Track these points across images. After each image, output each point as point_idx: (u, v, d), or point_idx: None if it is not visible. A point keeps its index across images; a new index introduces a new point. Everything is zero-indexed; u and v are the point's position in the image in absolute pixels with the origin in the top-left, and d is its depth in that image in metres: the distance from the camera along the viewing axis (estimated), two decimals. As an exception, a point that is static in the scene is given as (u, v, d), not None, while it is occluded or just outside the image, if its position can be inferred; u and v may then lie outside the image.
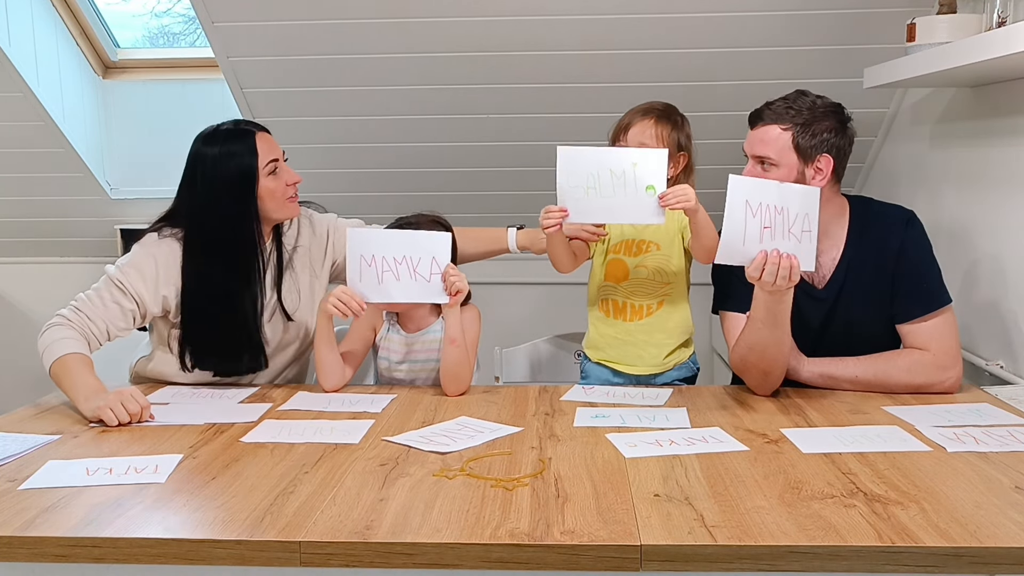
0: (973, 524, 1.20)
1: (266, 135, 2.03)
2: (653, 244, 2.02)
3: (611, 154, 1.85)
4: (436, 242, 1.91)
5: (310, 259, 2.15)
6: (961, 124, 2.49)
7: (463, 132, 3.16)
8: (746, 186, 1.72)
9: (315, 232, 2.18)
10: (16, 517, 1.28)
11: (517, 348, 2.40)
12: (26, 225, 3.64)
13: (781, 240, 1.71)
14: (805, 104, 1.85)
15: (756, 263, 1.71)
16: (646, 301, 2.01)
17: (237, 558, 1.20)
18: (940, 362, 1.84)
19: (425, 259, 1.89)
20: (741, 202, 1.70)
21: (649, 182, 1.81)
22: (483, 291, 3.04)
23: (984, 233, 2.32)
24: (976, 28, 2.09)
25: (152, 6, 3.56)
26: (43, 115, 3.17)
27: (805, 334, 1.90)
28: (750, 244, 1.71)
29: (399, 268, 1.89)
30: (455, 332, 1.92)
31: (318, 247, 2.18)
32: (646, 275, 2.00)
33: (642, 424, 1.68)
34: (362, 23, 2.75)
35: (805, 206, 1.72)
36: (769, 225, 1.70)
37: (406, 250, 1.89)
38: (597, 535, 1.19)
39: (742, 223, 1.70)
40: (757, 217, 1.70)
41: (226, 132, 2.01)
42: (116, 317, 1.95)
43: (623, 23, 2.71)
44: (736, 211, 1.70)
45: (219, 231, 1.97)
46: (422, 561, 1.18)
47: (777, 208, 1.71)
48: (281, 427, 1.70)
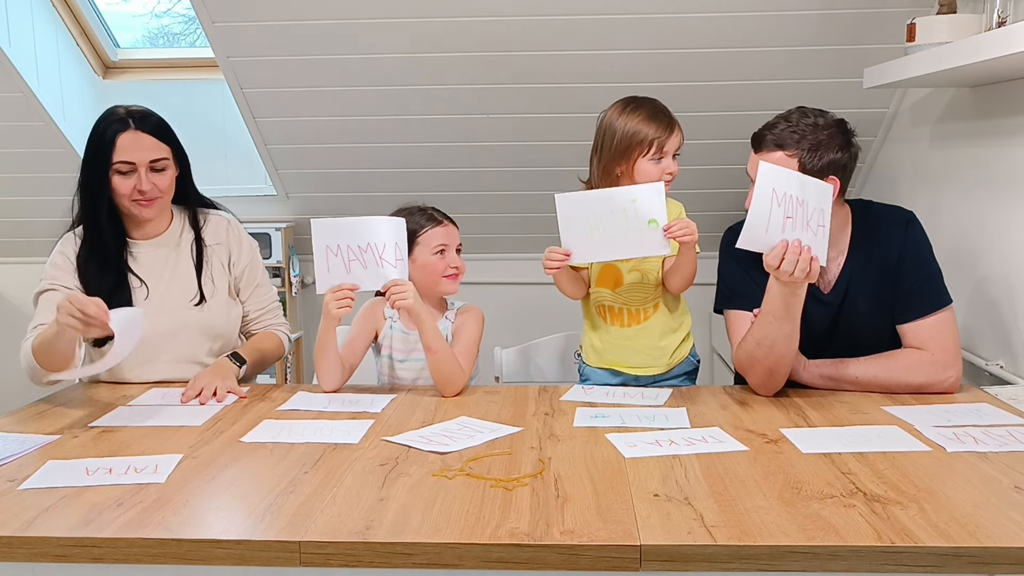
0: (972, 524, 1.20)
1: (142, 136, 1.97)
2: None
3: (610, 194, 1.86)
4: (397, 226, 1.90)
5: (218, 258, 2.16)
6: (961, 124, 2.49)
7: (463, 132, 3.17)
8: (774, 175, 1.71)
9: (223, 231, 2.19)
10: (16, 517, 1.28)
11: (517, 348, 2.40)
12: (26, 225, 3.64)
13: (802, 231, 1.71)
14: (808, 126, 1.84)
15: (776, 251, 1.70)
16: (641, 306, 2.00)
17: (237, 558, 1.20)
18: (940, 361, 1.84)
19: (389, 244, 1.88)
20: (769, 190, 1.70)
21: (650, 216, 1.82)
22: (483, 291, 3.05)
23: (984, 233, 2.32)
24: (976, 28, 2.10)
25: (152, 6, 3.56)
26: (43, 115, 3.17)
27: (811, 337, 1.90)
28: (773, 232, 1.71)
29: (365, 256, 1.88)
30: (430, 340, 1.91)
31: (221, 246, 2.18)
32: (639, 280, 1.99)
33: (642, 424, 1.68)
34: (362, 23, 2.76)
35: (821, 201, 1.72)
36: (791, 215, 1.70)
37: (369, 237, 1.88)
38: (597, 535, 1.19)
39: (767, 210, 1.70)
40: (782, 206, 1.70)
41: (105, 116, 2.00)
42: None
43: (623, 23, 2.71)
44: (764, 197, 1.70)
45: (81, 203, 2.03)
46: (422, 561, 1.18)
47: (798, 200, 1.70)
48: (281, 427, 1.70)
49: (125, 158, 1.96)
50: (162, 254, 2.09)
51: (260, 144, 3.27)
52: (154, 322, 2.01)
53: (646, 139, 1.94)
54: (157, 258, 2.09)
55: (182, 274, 2.10)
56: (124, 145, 1.96)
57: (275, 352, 2.22)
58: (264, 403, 1.89)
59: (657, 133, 1.95)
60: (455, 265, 2.02)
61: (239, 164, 3.52)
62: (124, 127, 1.97)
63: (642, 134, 1.94)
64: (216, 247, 2.14)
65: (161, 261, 2.09)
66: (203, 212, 2.18)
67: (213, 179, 3.25)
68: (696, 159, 3.20)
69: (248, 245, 2.20)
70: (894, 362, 1.86)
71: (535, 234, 3.52)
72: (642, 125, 1.95)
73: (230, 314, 2.14)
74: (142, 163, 1.97)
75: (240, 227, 2.21)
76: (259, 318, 2.21)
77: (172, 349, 2.06)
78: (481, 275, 3.39)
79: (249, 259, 2.18)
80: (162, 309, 2.05)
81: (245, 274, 2.17)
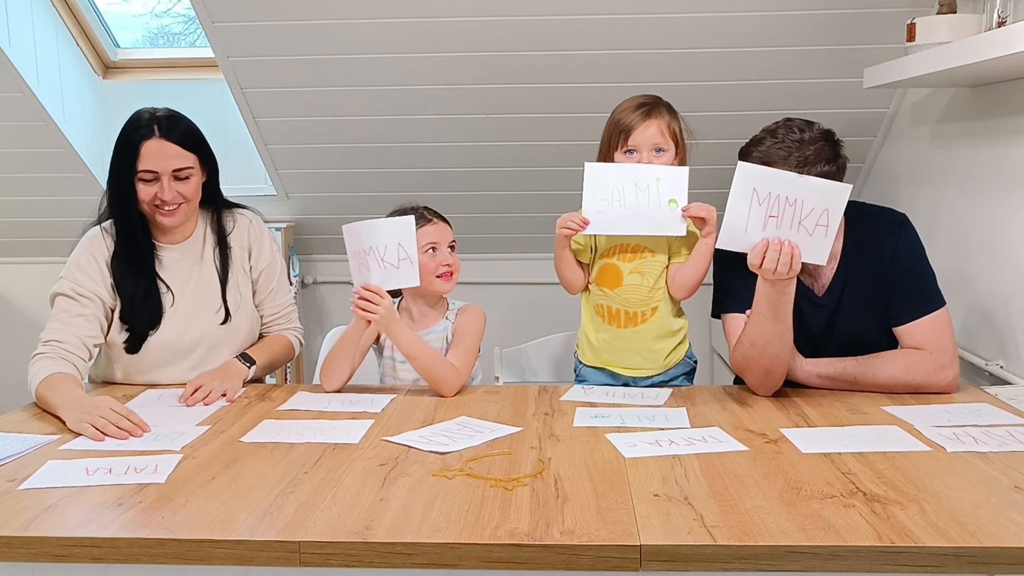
0: (972, 524, 1.20)
1: (166, 145, 1.93)
2: (648, 250, 1.97)
3: (636, 170, 1.88)
4: (400, 227, 1.89)
5: (241, 263, 2.14)
6: (961, 124, 2.49)
7: (462, 132, 3.17)
8: (756, 175, 1.72)
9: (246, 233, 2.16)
10: (16, 517, 1.28)
11: (517, 348, 2.40)
12: (26, 225, 3.64)
13: (787, 230, 1.72)
14: (795, 142, 1.82)
15: (757, 249, 1.72)
16: (640, 308, 1.97)
17: (237, 558, 1.20)
18: (937, 361, 1.84)
19: (391, 246, 1.88)
20: (748, 189, 1.71)
21: (672, 196, 1.86)
22: (483, 291, 3.05)
23: (984, 233, 2.32)
24: (976, 28, 2.10)
25: (152, 6, 3.56)
26: (43, 115, 3.17)
27: (809, 339, 1.90)
28: (752, 231, 1.72)
29: (368, 259, 1.89)
30: (407, 350, 1.93)
31: (243, 249, 2.15)
32: (638, 282, 1.97)
33: (642, 424, 1.68)
34: (362, 23, 2.76)
35: (827, 201, 1.71)
36: (776, 215, 1.71)
37: (371, 240, 1.89)
38: (597, 535, 1.19)
39: (745, 210, 1.72)
40: (764, 206, 1.71)
41: (132, 120, 1.97)
42: (83, 328, 1.93)
43: (623, 23, 2.71)
44: (740, 197, 1.72)
45: (111, 206, 2.00)
46: (422, 561, 1.18)
47: (789, 200, 1.71)
48: (281, 427, 1.70)
49: (148, 167, 1.93)
50: (187, 262, 2.06)
51: (260, 144, 3.28)
52: (177, 332, 2.01)
53: (615, 132, 1.94)
54: (182, 266, 2.06)
55: (206, 285, 2.07)
56: (148, 153, 1.93)
57: (286, 356, 2.21)
58: (264, 403, 1.89)
59: (623, 126, 1.92)
60: (447, 263, 2.02)
61: (239, 164, 3.51)
62: (149, 134, 1.93)
63: (611, 128, 1.95)
64: (238, 250, 2.11)
65: (186, 270, 2.06)
66: (229, 213, 2.14)
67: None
68: (696, 159, 3.20)
69: (269, 245, 2.17)
70: (891, 362, 1.86)
71: (535, 234, 3.52)
72: (619, 116, 1.94)
73: (253, 325, 2.13)
74: (165, 172, 1.94)
75: (263, 226, 2.18)
76: (273, 322, 2.19)
77: (192, 358, 2.04)
78: (481, 275, 3.39)
79: (268, 261, 2.15)
80: (187, 321, 2.03)
81: (262, 277, 2.14)
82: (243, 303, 2.10)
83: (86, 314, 1.94)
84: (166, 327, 2.02)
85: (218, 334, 2.06)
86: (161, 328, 2.01)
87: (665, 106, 1.96)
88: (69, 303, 1.95)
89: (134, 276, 2.00)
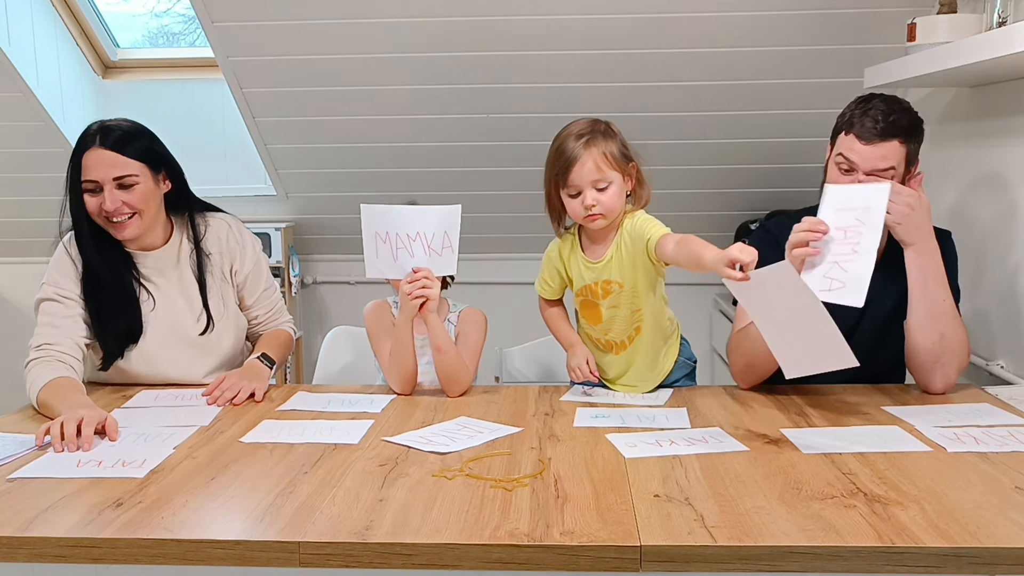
0: (973, 524, 1.20)
1: (104, 153, 1.89)
2: (615, 283, 1.88)
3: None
4: (447, 216, 1.88)
5: (221, 269, 2.10)
6: (961, 124, 2.49)
7: (462, 132, 3.17)
8: (840, 195, 1.72)
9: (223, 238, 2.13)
10: (16, 517, 1.28)
11: (517, 348, 2.40)
12: (26, 225, 3.64)
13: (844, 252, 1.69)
14: (905, 110, 1.81)
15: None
16: (623, 337, 1.92)
17: (237, 558, 1.20)
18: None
19: (438, 234, 1.87)
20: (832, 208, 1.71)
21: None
22: (483, 291, 3.05)
23: (984, 233, 2.32)
24: (976, 28, 2.09)
25: (152, 6, 3.56)
26: (43, 115, 3.17)
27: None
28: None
29: (413, 245, 1.86)
30: (439, 340, 1.90)
31: (222, 255, 2.12)
32: (617, 314, 1.90)
33: (642, 424, 1.68)
34: (362, 23, 2.76)
35: (868, 199, 1.69)
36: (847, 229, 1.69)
37: (419, 226, 1.86)
38: (597, 535, 1.19)
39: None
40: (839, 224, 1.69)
41: (82, 133, 1.94)
42: (72, 328, 1.92)
43: (623, 23, 2.71)
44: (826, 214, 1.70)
45: (73, 220, 1.96)
46: (421, 561, 1.18)
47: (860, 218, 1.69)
48: (281, 427, 1.70)
49: (88, 176, 1.90)
50: (165, 270, 2.04)
51: (260, 144, 3.27)
52: (158, 341, 2.00)
53: (552, 173, 1.85)
54: (161, 274, 2.03)
55: (187, 294, 2.04)
56: (88, 163, 1.90)
57: (290, 348, 2.21)
58: (264, 403, 1.88)
59: (557, 167, 1.82)
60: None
61: (239, 164, 3.52)
62: (91, 143, 1.90)
63: (549, 169, 1.87)
64: (217, 256, 2.08)
65: (164, 278, 2.03)
66: (202, 218, 2.10)
67: (213, 179, 3.27)
68: (696, 159, 3.21)
69: (251, 247, 2.14)
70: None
71: (535, 234, 3.50)
72: (555, 155, 1.84)
73: (239, 332, 2.12)
74: (106, 180, 1.88)
75: (242, 228, 2.15)
76: (269, 319, 2.18)
77: (178, 367, 2.03)
78: (481, 275, 3.39)
79: (252, 264, 2.12)
80: (167, 331, 2.01)
81: (248, 281, 2.12)
82: (227, 312, 2.08)
83: (72, 315, 1.93)
84: (147, 335, 2.00)
85: (199, 343, 2.03)
86: (141, 338, 1.99)
87: (600, 133, 1.82)
88: (54, 306, 1.94)
89: (98, 291, 1.96)
